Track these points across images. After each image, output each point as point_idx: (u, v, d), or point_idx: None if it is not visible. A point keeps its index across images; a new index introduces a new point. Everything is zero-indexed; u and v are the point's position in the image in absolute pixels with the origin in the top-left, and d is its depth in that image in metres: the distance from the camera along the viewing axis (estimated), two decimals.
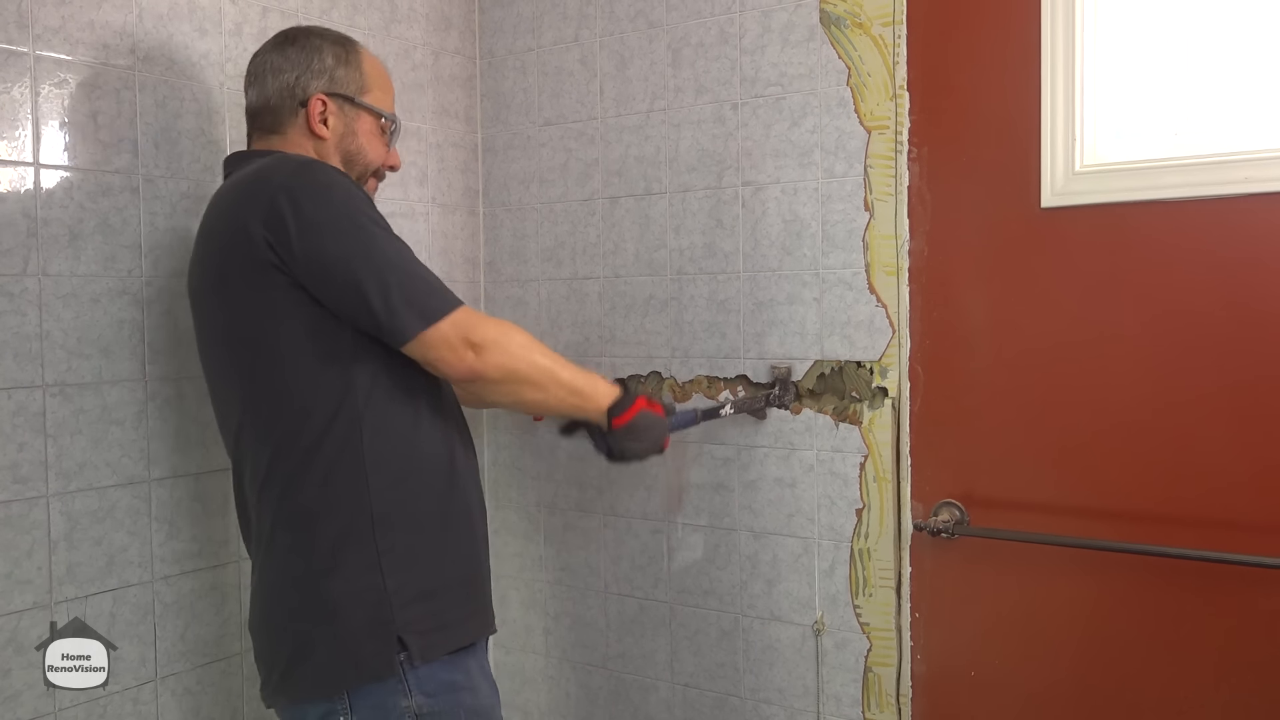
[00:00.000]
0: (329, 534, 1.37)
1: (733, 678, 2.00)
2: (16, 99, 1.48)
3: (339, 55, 1.52)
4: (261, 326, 1.37)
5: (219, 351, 1.44)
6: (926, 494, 1.80)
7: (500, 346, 1.39)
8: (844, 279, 1.84)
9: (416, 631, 1.37)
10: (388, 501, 1.38)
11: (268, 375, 1.37)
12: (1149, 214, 1.60)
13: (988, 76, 1.72)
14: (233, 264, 1.36)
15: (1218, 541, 1.57)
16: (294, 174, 1.35)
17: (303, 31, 1.54)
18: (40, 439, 1.52)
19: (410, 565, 1.39)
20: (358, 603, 1.36)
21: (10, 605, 1.49)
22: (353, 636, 1.36)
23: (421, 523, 1.41)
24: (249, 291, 1.36)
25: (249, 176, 1.39)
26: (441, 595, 1.41)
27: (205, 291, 1.43)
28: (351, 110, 1.52)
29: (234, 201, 1.38)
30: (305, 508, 1.37)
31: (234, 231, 1.36)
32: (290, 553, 1.39)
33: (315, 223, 1.32)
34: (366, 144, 1.54)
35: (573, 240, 2.16)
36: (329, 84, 1.51)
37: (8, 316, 1.48)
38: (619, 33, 2.08)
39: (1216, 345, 1.57)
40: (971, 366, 1.75)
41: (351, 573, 1.36)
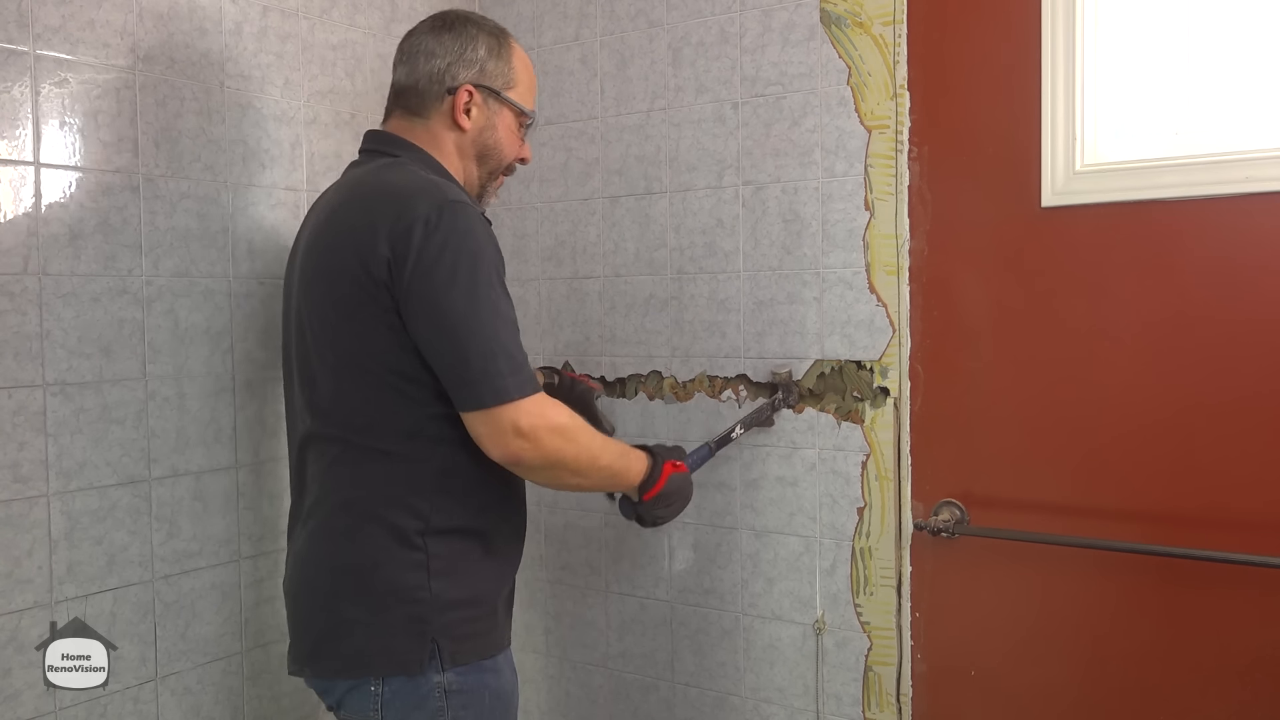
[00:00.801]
0: (387, 530, 1.40)
1: (733, 677, 2.00)
2: (17, 98, 1.48)
3: (492, 47, 1.53)
4: (363, 328, 1.38)
5: (317, 324, 1.44)
6: (927, 493, 1.80)
7: (547, 439, 1.38)
8: (844, 278, 1.84)
9: (452, 637, 1.40)
10: (447, 513, 1.41)
11: (359, 374, 1.40)
12: (1149, 213, 1.60)
13: (988, 76, 1.72)
14: (349, 269, 1.37)
15: (1219, 541, 1.57)
16: (439, 209, 1.34)
17: (460, 18, 1.54)
18: (41, 438, 1.52)
19: (456, 574, 1.42)
20: (400, 599, 1.39)
21: (11, 604, 1.49)
22: (390, 630, 1.39)
23: (474, 537, 1.45)
24: (353, 295, 1.37)
25: (394, 189, 1.39)
26: (479, 605, 1.45)
27: (330, 264, 1.42)
28: (496, 104, 1.53)
29: (370, 211, 1.38)
30: (369, 501, 1.41)
31: (362, 239, 1.36)
32: (345, 538, 1.42)
33: (437, 264, 1.32)
34: (505, 139, 1.55)
35: (573, 239, 2.16)
36: (479, 75, 1.51)
37: (8, 316, 1.48)
38: (619, 32, 2.08)
39: (1216, 345, 1.57)
40: (972, 366, 1.75)
41: (400, 570, 1.39)
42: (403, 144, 1.51)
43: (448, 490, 1.42)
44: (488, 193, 1.59)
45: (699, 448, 1.80)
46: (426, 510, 1.40)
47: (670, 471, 1.60)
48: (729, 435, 1.85)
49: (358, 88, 1.99)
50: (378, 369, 1.39)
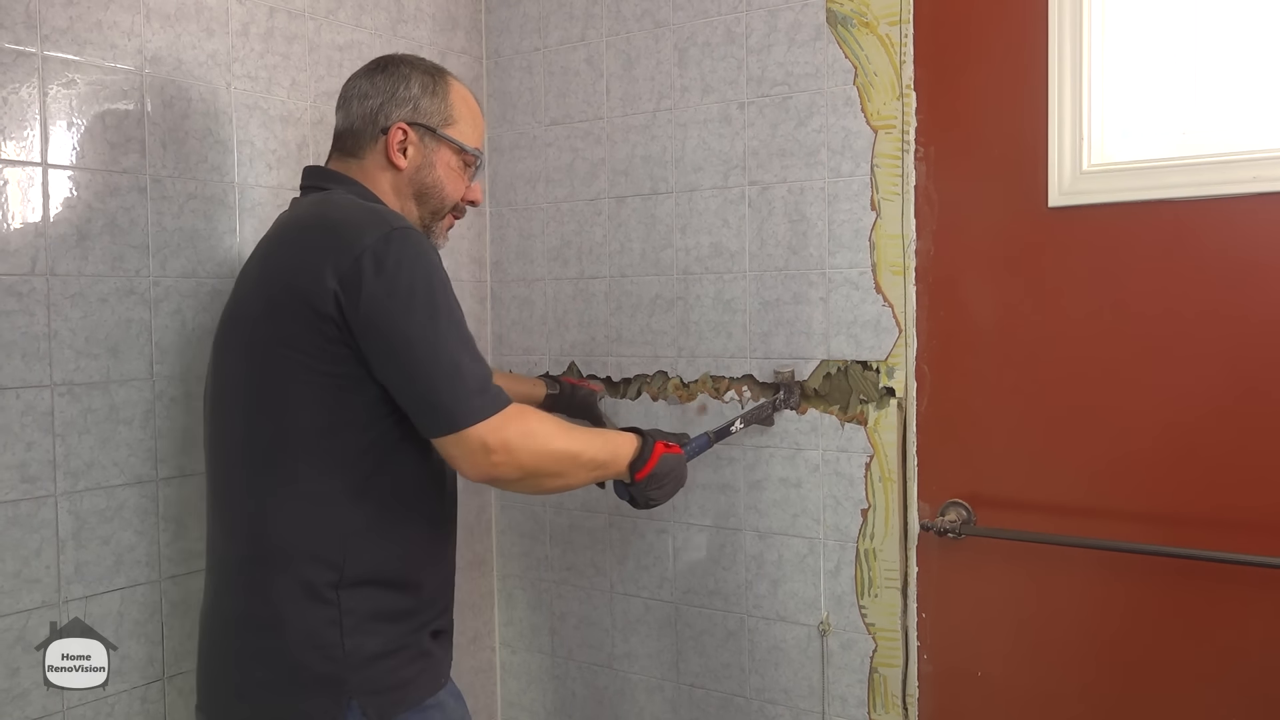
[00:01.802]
0: (296, 584, 1.34)
1: (738, 678, 2.00)
2: (25, 99, 1.49)
3: (426, 85, 1.50)
4: (287, 369, 1.33)
5: (236, 371, 1.40)
6: (933, 494, 1.80)
7: (519, 450, 1.36)
8: (850, 279, 1.84)
9: (374, 691, 1.34)
10: (363, 563, 1.35)
11: (276, 418, 1.35)
12: (1157, 214, 1.60)
13: (995, 76, 1.71)
14: (289, 304, 1.33)
15: (1229, 542, 1.56)
16: (385, 237, 1.31)
17: (394, 59, 1.53)
18: (48, 438, 1.52)
19: (373, 627, 1.36)
20: (311, 659, 1.33)
21: (19, 604, 1.49)
22: (303, 693, 1.33)
23: (394, 586, 1.38)
24: (292, 335, 1.32)
25: (334, 222, 1.35)
26: (403, 652, 1.38)
27: (246, 314, 1.39)
28: (432, 142, 1.50)
29: (311, 247, 1.34)
30: (278, 550, 1.35)
31: (304, 272, 1.32)
32: (250, 591, 1.36)
33: (392, 293, 1.30)
34: (444, 178, 1.51)
35: (579, 240, 2.16)
36: (412, 113, 1.49)
37: (16, 316, 1.48)
38: (625, 32, 2.08)
39: (1224, 345, 1.56)
40: (978, 366, 1.75)
41: (310, 627, 1.33)
42: (339, 178, 1.49)
43: (365, 537, 1.35)
44: (433, 233, 1.55)
45: (698, 436, 1.80)
46: (339, 560, 1.34)
47: (662, 452, 1.59)
48: (728, 428, 1.85)
49: None
50: (300, 410, 1.33)
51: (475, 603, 2.28)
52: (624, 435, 1.59)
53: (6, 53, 1.47)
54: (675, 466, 1.62)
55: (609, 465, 1.54)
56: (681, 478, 1.65)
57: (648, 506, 1.63)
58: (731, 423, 1.85)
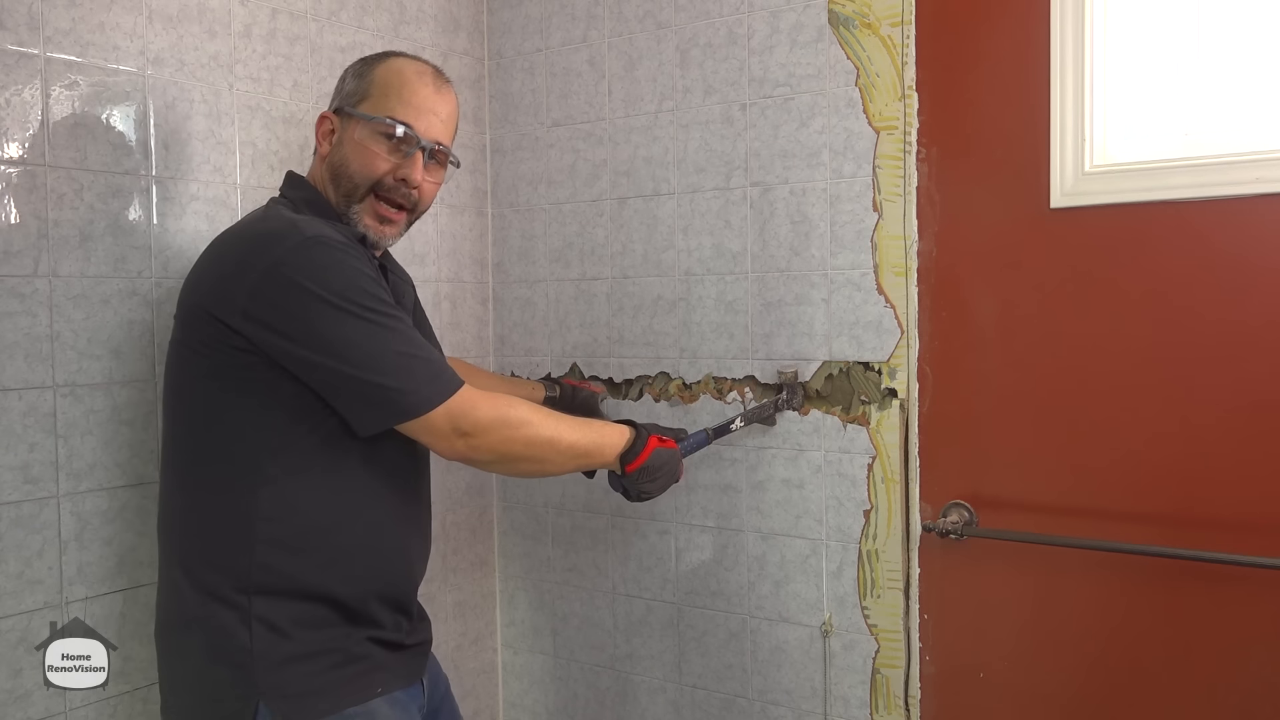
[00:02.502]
0: (207, 585, 1.33)
1: (740, 679, 2.00)
2: (28, 100, 1.49)
3: (355, 70, 1.50)
4: (196, 370, 1.35)
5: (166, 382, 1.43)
6: (935, 495, 1.80)
7: (493, 431, 1.37)
8: (852, 280, 1.84)
9: (285, 695, 1.31)
10: (270, 574, 1.33)
11: (189, 425, 1.37)
12: (1159, 215, 1.60)
13: (997, 77, 1.71)
14: (199, 317, 1.34)
15: (1229, 543, 1.56)
16: (294, 250, 1.29)
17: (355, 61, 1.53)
18: (51, 439, 1.52)
19: (288, 631, 1.33)
20: (221, 659, 1.32)
21: (21, 605, 1.49)
22: (214, 690, 1.33)
23: (304, 599, 1.34)
24: (203, 338, 1.33)
25: (249, 236, 1.36)
26: (314, 660, 1.34)
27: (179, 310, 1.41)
28: (345, 121, 1.46)
29: (223, 262, 1.35)
30: (192, 551, 1.36)
31: (214, 286, 1.33)
32: (169, 590, 1.39)
33: (307, 304, 1.28)
34: (352, 154, 1.44)
35: (581, 241, 2.16)
36: (337, 99, 1.50)
37: (19, 317, 1.48)
38: (627, 33, 2.08)
39: (1226, 347, 1.56)
40: (980, 368, 1.75)
41: (220, 626, 1.32)
42: (297, 183, 1.49)
43: (281, 540, 1.33)
44: (354, 220, 1.45)
45: (696, 432, 1.80)
46: (246, 568, 1.32)
47: (655, 445, 1.59)
48: (728, 426, 1.84)
49: None
50: (218, 410, 1.34)
51: (477, 604, 2.28)
52: (615, 426, 1.58)
53: (9, 54, 1.47)
54: (669, 460, 1.61)
55: (593, 455, 1.53)
56: (675, 472, 1.64)
57: (640, 499, 1.62)
58: (732, 420, 1.85)
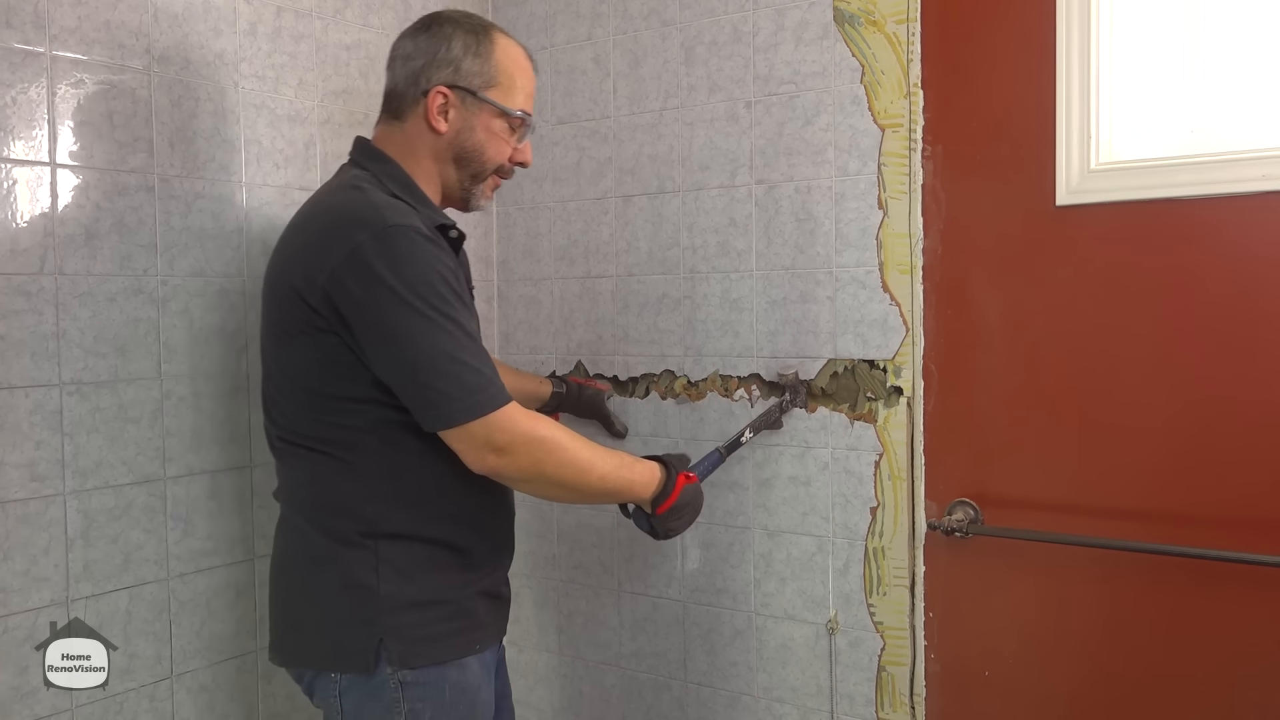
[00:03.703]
0: (331, 531, 1.41)
1: (746, 676, 2.00)
2: (33, 99, 1.49)
3: (469, 45, 1.47)
4: (302, 349, 1.39)
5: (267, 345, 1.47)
6: (941, 493, 1.80)
7: (524, 451, 1.38)
8: (857, 277, 1.83)
9: (403, 639, 1.39)
10: (394, 519, 1.40)
11: (299, 388, 1.42)
12: (1165, 212, 1.59)
13: (1002, 74, 1.71)
14: (288, 294, 1.38)
15: (1234, 541, 1.56)
16: (377, 236, 1.32)
17: (440, 18, 1.51)
18: (57, 437, 1.52)
19: (406, 577, 1.40)
20: (349, 598, 1.39)
21: (28, 602, 1.50)
22: (340, 627, 1.40)
23: (433, 544, 1.42)
24: (296, 320, 1.38)
25: (334, 217, 1.37)
26: (440, 607, 1.42)
27: (269, 289, 1.45)
28: (474, 105, 1.47)
29: (309, 240, 1.38)
30: (316, 501, 1.43)
31: (300, 265, 1.37)
32: (297, 534, 1.45)
33: (378, 293, 1.31)
34: (485, 141, 1.49)
35: (585, 239, 2.16)
36: (453, 75, 1.47)
37: (25, 315, 1.49)
38: (632, 31, 2.08)
39: (1233, 344, 1.56)
40: (986, 365, 1.75)
41: (348, 570, 1.39)
42: (374, 154, 1.49)
43: (395, 495, 1.40)
44: (474, 196, 1.54)
45: (709, 454, 1.80)
46: (370, 514, 1.39)
47: (683, 483, 1.59)
48: (738, 440, 1.85)
49: (371, 88, 2.00)
50: (318, 385, 1.39)
51: None
52: (647, 465, 1.56)
53: (15, 52, 1.47)
54: (694, 496, 1.62)
55: (623, 493, 1.54)
56: (699, 505, 1.64)
57: (667, 537, 1.62)
58: (740, 434, 1.85)
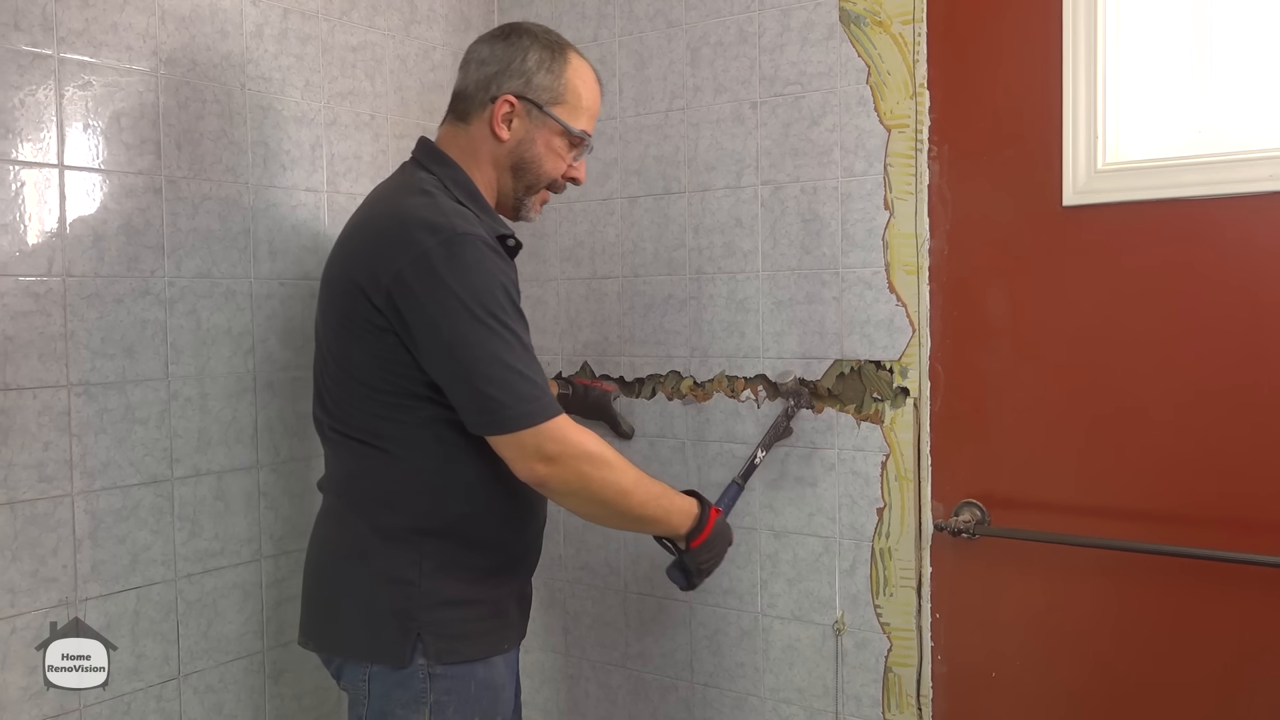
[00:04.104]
0: (384, 525, 1.43)
1: (752, 677, 1.99)
2: (41, 101, 1.50)
3: (543, 60, 1.51)
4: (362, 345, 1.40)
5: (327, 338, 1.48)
6: (947, 494, 1.79)
7: (572, 464, 1.39)
8: (864, 278, 1.83)
9: (439, 635, 1.42)
10: (440, 516, 1.43)
11: (357, 383, 1.43)
12: (1172, 212, 1.59)
13: (1009, 74, 1.71)
14: (352, 291, 1.39)
15: (1241, 542, 1.55)
16: (445, 244, 1.34)
17: (518, 29, 1.54)
18: (65, 438, 1.53)
19: (449, 575, 1.44)
20: (390, 592, 1.42)
21: (36, 603, 1.50)
22: (377, 620, 1.42)
23: (473, 544, 1.46)
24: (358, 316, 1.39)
25: (402, 220, 1.38)
26: (475, 606, 1.46)
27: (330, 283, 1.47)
28: (538, 118, 1.51)
29: (376, 241, 1.39)
30: (365, 493, 1.45)
31: (366, 264, 1.38)
32: (342, 525, 1.48)
33: (442, 300, 1.33)
34: (544, 155, 1.53)
35: (591, 240, 2.16)
36: (523, 87, 1.50)
37: (33, 317, 1.49)
38: (638, 32, 2.08)
39: (1239, 345, 1.55)
40: (992, 366, 1.74)
41: (392, 564, 1.42)
42: (439, 157, 1.51)
43: (443, 494, 1.43)
44: (526, 207, 1.58)
45: (727, 489, 1.80)
46: (419, 511, 1.42)
47: (715, 517, 1.60)
48: (752, 464, 1.85)
49: (377, 89, 2.00)
50: (373, 381, 1.41)
51: None
52: (685, 499, 1.58)
53: (24, 55, 1.47)
54: (724, 529, 1.64)
55: (660, 523, 1.54)
56: (729, 538, 1.65)
57: (700, 577, 1.62)
58: (753, 457, 1.86)
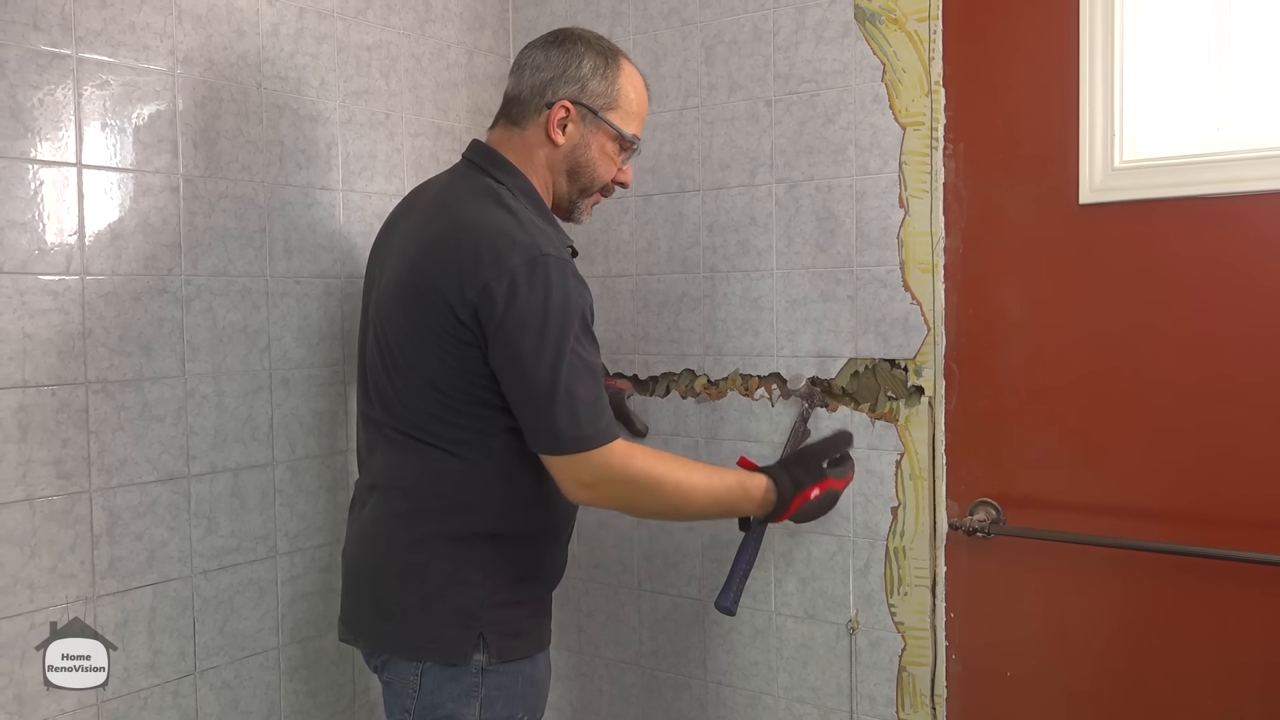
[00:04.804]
0: (448, 528, 1.45)
1: (766, 676, 1.99)
2: (60, 100, 1.51)
3: (597, 66, 1.53)
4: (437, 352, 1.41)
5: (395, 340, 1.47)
6: (962, 493, 1.79)
7: (610, 489, 1.44)
8: (878, 276, 1.83)
9: (499, 633, 1.46)
10: (507, 520, 1.47)
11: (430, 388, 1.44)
12: (1190, 210, 1.58)
13: (1025, 71, 1.70)
14: (434, 300, 1.40)
15: (1259, 542, 1.54)
16: (531, 264, 1.36)
17: (572, 35, 1.56)
18: (83, 435, 1.54)
19: (508, 574, 1.48)
20: (454, 591, 1.45)
21: (54, 599, 1.51)
22: (439, 621, 1.45)
23: (528, 544, 1.51)
24: (435, 326, 1.40)
25: (489, 235, 1.39)
26: (526, 606, 1.51)
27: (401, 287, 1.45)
28: (592, 123, 1.53)
29: (462, 254, 1.39)
30: (434, 498, 1.46)
31: (450, 277, 1.38)
32: (406, 527, 1.47)
33: (524, 321, 1.35)
34: (598, 159, 1.55)
35: (605, 238, 2.16)
36: (579, 92, 1.52)
37: (51, 315, 1.50)
38: (652, 30, 2.08)
39: (1256, 344, 1.54)
40: (1008, 365, 1.74)
41: (455, 566, 1.45)
42: (502, 164, 1.52)
43: (510, 499, 1.46)
44: (578, 209, 1.61)
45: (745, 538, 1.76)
46: (491, 515, 1.45)
47: (800, 504, 1.62)
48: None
49: (392, 88, 2.01)
50: (449, 388, 1.43)
51: None
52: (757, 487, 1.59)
53: (43, 55, 1.48)
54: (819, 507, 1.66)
55: (728, 514, 1.63)
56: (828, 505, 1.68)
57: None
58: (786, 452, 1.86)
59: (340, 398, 1.92)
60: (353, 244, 1.93)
